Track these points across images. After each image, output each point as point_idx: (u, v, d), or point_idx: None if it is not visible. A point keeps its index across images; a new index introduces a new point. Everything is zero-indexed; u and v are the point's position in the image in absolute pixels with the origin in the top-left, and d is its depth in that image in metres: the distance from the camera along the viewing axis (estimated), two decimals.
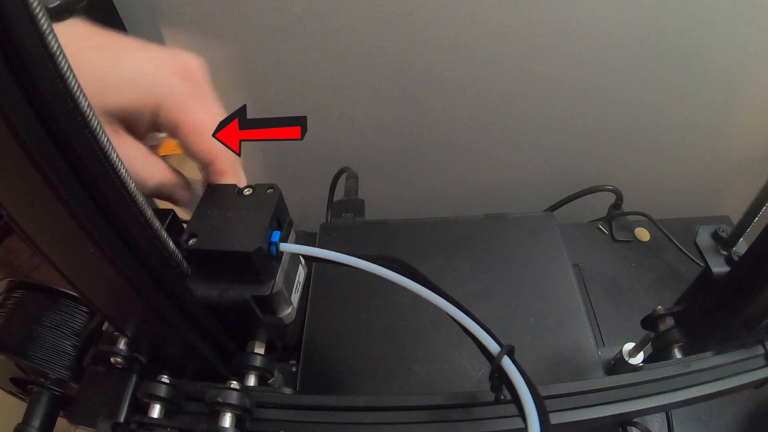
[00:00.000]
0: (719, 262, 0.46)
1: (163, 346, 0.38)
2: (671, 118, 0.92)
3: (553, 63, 0.82)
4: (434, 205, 1.11)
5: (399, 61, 0.81)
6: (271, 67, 0.83)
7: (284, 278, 0.39)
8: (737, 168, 1.01)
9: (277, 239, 0.37)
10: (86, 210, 0.25)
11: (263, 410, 0.39)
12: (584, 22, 0.76)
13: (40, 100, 0.21)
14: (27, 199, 0.25)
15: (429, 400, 0.39)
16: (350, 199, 0.73)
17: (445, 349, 0.53)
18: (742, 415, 0.62)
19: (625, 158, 1.00)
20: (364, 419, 0.39)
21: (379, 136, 0.95)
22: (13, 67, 0.20)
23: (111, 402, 0.37)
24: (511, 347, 0.33)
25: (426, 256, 0.62)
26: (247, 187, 0.39)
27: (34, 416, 0.49)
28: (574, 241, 0.78)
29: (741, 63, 0.82)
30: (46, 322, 0.48)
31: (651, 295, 0.73)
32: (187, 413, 0.38)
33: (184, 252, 0.36)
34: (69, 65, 0.22)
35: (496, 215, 0.66)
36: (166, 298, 0.33)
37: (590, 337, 0.53)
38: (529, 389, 0.31)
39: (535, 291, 0.58)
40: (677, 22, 0.76)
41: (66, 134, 0.23)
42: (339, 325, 0.56)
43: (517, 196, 1.08)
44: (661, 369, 0.43)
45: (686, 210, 0.93)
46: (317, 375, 0.52)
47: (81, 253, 0.27)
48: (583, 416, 0.40)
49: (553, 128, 0.93)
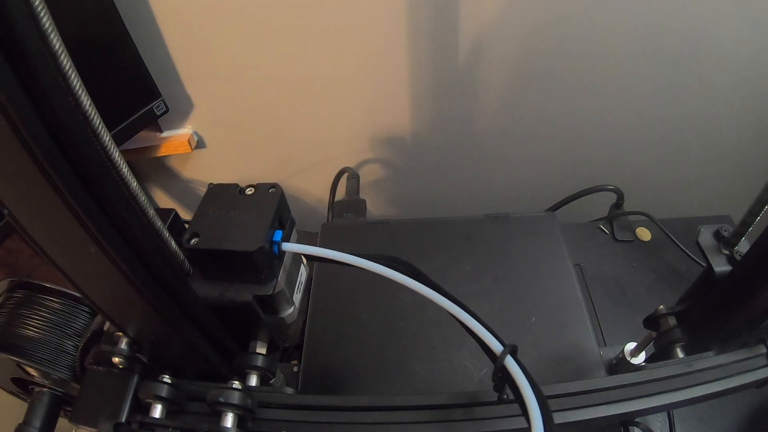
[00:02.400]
0: (721, 261, 0.46)
1: (165, 346, 0.38)
2: (672, 117, 0.92)
3: (553, 63, 0.82)
4: (435, 205, 1.11)
5: (400, 61, 0.81)
6: (272, 67, 0.83)
7: (286, 278, 0.39)
8: (738, 168, 1.01)
9: (279, 239, 0.37)
10: (88, 209, 0.25)
11: (265, 410, 0.39)
12: (584, 22, 0.76)
13: (42, 99, 0.21)
14: (28, 198, 0.25)
15: (431, 399, 0.39)
16: (351, 199, 0.73)
17: (447, 348, 0.53)
18: (743, 415, 0.61)
19: (626, 158, 1.00)
20: (365, 419, 0.38)
21: (380, 136, 0.95)
22: (15, 66, 0.20)
23: (112, 402, 0.37)
24: (514, 347, 0.33)
25: (427, 256, 0.62)
26: (248, 187, 0.39)
27: (35, 416, 0.49)
28: (576, 241, 0.78)
29: (741, 63, 0.82)
30: (47, 322, 0.48)
31: (652, 294, 0.73)
32: (189, 413, 0.38)
33: (186, 251, 0.36)
34: (71, 64, 0.22)
35: (497, 215, 0.66)
36: (167, 298, 0.33)
37: (592, 336, 0.53)
38: (533, 389, 0.31)
39: (536, 291, 0.58)
40: (678, 22, 0.76)
41: (68, 133, 0.23)
42: (340, 325, 0.55)
43: (518, 196, 1.08)
44: (663, 369, 0.43)
45: (687, 210, 0.93)
46: (319, 375, 0.52)
47: (82, 252, 0.27)
48: (586, 416, 0.40)
49: (555, 128, 0.93)
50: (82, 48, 0.71)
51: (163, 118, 0.87)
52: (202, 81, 0.85)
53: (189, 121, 0.92)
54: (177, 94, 0.86)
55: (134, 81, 0.80)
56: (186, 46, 0.80)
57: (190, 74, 0.84)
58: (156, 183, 1.10)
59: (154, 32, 0.78)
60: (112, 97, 0.78)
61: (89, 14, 0.70)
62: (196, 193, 1.11)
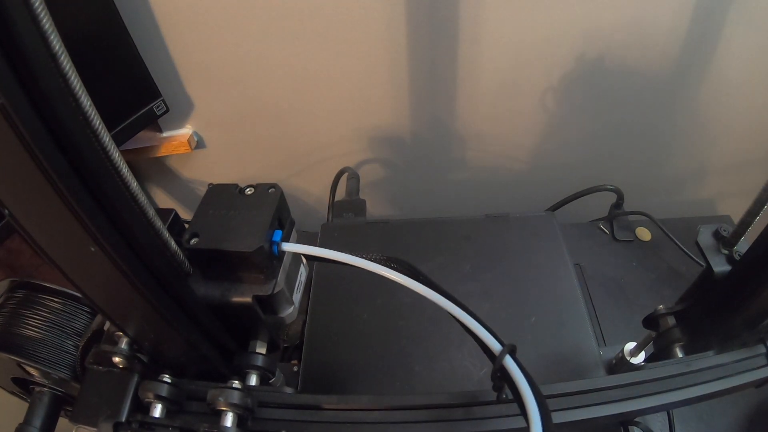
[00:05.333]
0: (720, 261, 0.46)
1: (165, 346, 0.38)
2: (672, 117, 0.92)
3: (553, 63, 0.82)
4: (435, 205, 1.11)
5: (400, 61, 0.81)
6: (272, 67, 0.83)
7: (286, 278, 0.39)
8: (738, 168, 1.01)
9: (279, 239, 0.37)
10: (88, 209, 0.25)
11: (265, 410, 0.39)
12: (584, 21, 0.76)
13: (42, 99, 0.22)
14: (28, 198, 0.25)
15: (430, 399, 0.39)
16: (351, 199, 0.73)
17: (446, 348, 0.53)
18: (743, 415, 0.62)
19: (626, 158, 1.00)
20: (365, 419, 0.39)
21: (380, 136, 0.95)
22: (15, 67, 0.20)
23: (112, 401, 0.37)
24: (513, 346, 0.33)
25: (427, 256, 0.62)
26: (248, 187, 0.39)
27: (35, 416, 0.49)
28: (576, 241, 0.78)
29: (741, 63, 0.82)
30: (47, 322, 0.48)
31: (652, 294, 0.73)
32: (189, 413, 0.38)
33: (186, 252, 0.36)
34: (71, 65, 0.22)
35: (497, 215, 0.66)
36: (167, 298, 0.33)
37: (591, 336, 0.53)
38: (532, 388, 0.31)
39: (536, 291, 0.58)
40: (677, 22, 0.76)
41: (68, 133, 0.23)
42: (340, 324, 0.56)
43: (518, 196, 1.08)
44: (663, 368, 0.43)
45: (687, 210, 0.93)
46: (318, 374, 0.52)
47: (82, 252, 0.27)
48: (585, 415, 0.40)
49: (555, 128, 0.93)
50: (82, 48, 0.71)
51: (163, 118, 0.87)
52: (202, 81, 0.85)
53: (189, 121, 0.92)
54: (177, 94, 0.86)
55: (134, 81, 0.80)
56: (186, 46, 0.80)
57: (190, 74, 0.84)
58: (156, 183, 1.10)
59: (154, 32, 0.78)
60: (112, 97, 0.78)
61: (89, 14, 0.71)
62: (196, 193, 1.11)
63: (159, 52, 0.80)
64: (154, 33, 0.78)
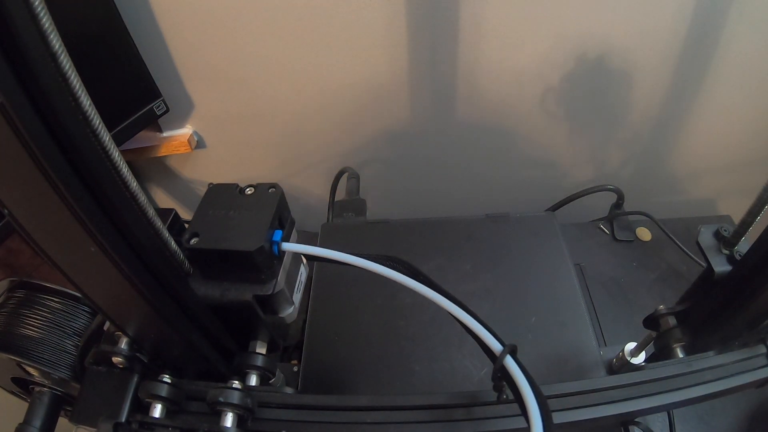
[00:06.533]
0: (721, 261, 0.46)
1: (165, 346, 0.38)
2: (672, 117, 0.92)
3: (554, 64, 0.82)
4: (435, 205, 1.11)
5: (400, 61, 0.81)
6: (272, 67, 0.83)
7: (286, 278, 0.39)
8: (738, 168, 1.01)
9: (279, 238, 0.37)
10: (88, 209, 0.25)
11: (265, 410, 0.39)
12: (585, 21, 0.76)
13: (42, 99, 0.21)
14: (28, 198, 0.25)
15: (430, 399, 0.39)
16: (352, 198, 0.72)
17: (447, 348, 0.53)
18: (743, 415, 0.61)
19: (626, 158, 1.00)
20: (365, 419, 0.38)
21: (380, 136, 0.95)
22: (15, 67, 0.20)
23: (112, 401, 0.37)
24: (513, 347, 0.33)
25: (427, 256, 0.62)
26: (248, 187, 0.39)
27: (35, 416, 0.49)
28: (576, 241, 0.78)
29: (741, 63, 0.82)
30: (47, 321, 0.48)
31: (653, 294, 0.73)
32: (189, 413, 0.38)
33: (186, 251, 0.36)
34: (71, 64, 0.22)
35: (497, 215, 0.66)
36: (167, 298, 0.33)
37: (592, 336, 0.53)
38: (532, 388, 0.31)
39: (536, 291, 0.58)
40: (677, 22, 0.76)
41: (68, 133, 0.23)
42: (340, 324, 0.55)
43: (519, 195, 1.08)
44: (663, 368, 0.43)
45: (687, 210, 0.93)
46: (319, 375, 0.52)
47: (82, 252, 0.27)
48: (585, 416, 0.40)
49: (555, 128, 0.93)
50: (82, 48, 0.71)
51: (163, 118, 0.87)
52: (202, 81, 0.85)
53: (189, 121, 0.92)
54: (177, 94, 0.86)
55: (134, 81, 0.80)
56: (186, 46, 0.80)
57: (190, 74, 0.84)
58: (156, 183, 1.10)
59: (154, 32, 0.78)
60: (112, 97, 0.78)
61: (89, 14, 0.70)
62: (196, 193, 1.11)
63: (159, 52, 0.80)
64: (155, 33, 0.78)
